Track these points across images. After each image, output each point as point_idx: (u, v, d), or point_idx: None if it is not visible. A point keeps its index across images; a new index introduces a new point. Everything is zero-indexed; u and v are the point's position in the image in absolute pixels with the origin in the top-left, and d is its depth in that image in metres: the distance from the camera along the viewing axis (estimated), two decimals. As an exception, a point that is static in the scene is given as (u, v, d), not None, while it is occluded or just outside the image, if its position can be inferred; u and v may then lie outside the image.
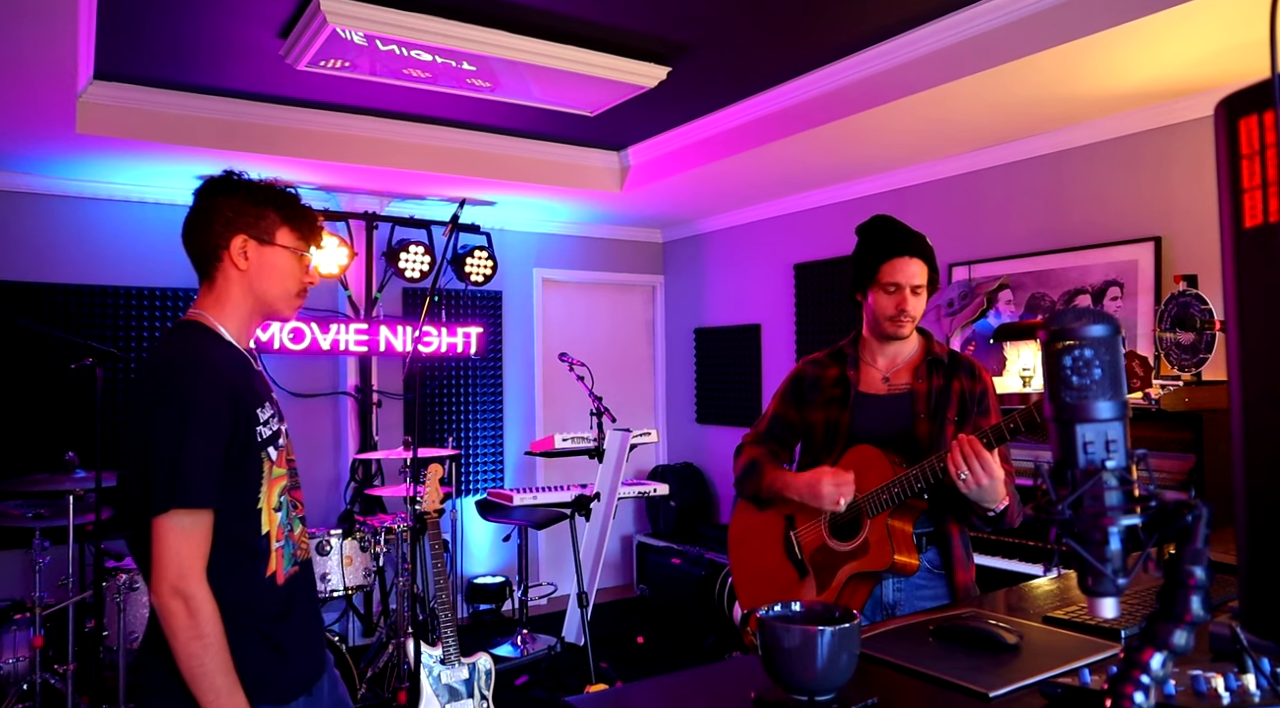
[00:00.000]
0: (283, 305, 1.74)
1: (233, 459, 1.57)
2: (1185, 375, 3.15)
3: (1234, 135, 0.79)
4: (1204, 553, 0.85)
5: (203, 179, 1.72)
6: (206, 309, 1.68)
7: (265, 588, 1.63)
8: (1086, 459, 0.88)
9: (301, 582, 1.74)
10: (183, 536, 1.50)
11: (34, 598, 3.52)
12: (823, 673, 1.20)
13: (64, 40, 2.93)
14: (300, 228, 1.73)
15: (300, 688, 1.68)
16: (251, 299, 1.70)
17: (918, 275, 2.16)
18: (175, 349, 1.61)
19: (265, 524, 1.63)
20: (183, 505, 1.50)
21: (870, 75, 3.66)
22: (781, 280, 5.69)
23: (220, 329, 1.67)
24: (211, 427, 1.53)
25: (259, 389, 1.68)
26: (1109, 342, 0.89)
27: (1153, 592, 1.32)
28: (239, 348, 1.69)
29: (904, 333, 2.20)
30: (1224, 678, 1.07)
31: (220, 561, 1.55)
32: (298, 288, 1.75)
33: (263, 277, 1.69)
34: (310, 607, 1.77)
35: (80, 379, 4.20)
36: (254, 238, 1.67)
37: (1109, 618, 0.95)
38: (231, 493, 1.57)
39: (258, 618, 1.61)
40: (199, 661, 1.50)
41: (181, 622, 1.49)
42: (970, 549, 2.22)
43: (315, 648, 1.76)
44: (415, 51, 3.33)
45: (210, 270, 1.69)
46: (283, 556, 1.67)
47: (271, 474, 1.65)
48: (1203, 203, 3.52)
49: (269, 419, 1.67)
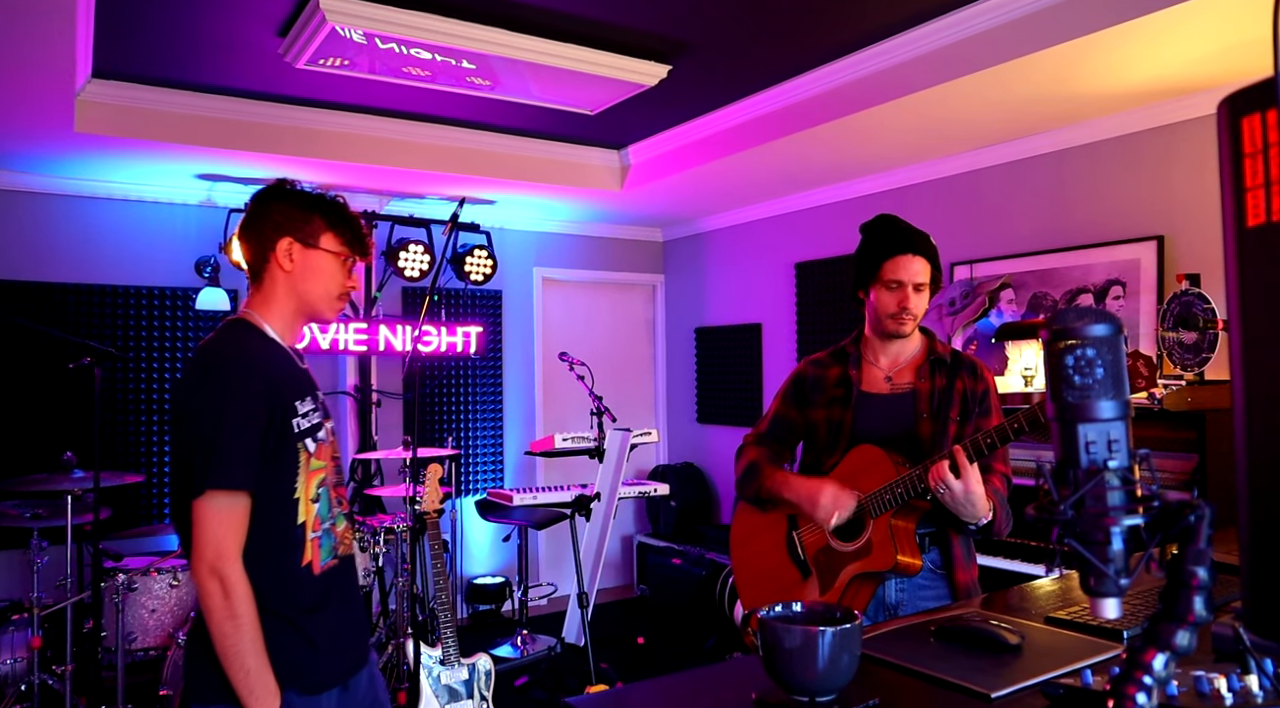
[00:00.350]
0: (324, 307, 1.83)
1: (270, 448, 1.65)
2: (1188, 375, 3.14)
3: (1237, 134, 0.79)
4: (1207, 553, 0.85)
5: (259, 185, 1.80)
6: (254, 308, 1.80)
7: (300, 578, 1.70)
8: (1089, 459, 0.88)
9: (340, 576, 1.80)
10: (219, 517, 1.59)
11: (32, 599, 3.50)
12: (824, 674, 1.19)
13: (62, 38, 2.92)
14: (344, 234, 1.83)
15: (333, 680, 1.73)
16: (295, 299, 1.80)
17: (920, 273, 2.15)
18: (217, 343, 1.71)
19: (302, 514, 1.71)
20: (217, 487, 1.58)
21: (871, 74, 3.65)
22: (782, 280, 5.68)
23: (265, 327, 1.78)
24: (247, 414, 1.62)
25: (300, 383, 1.77)
26: (1111, 341, 0.88)
27: (1155, 592, 1.32)
28: (282, 344, 1.79)
29: (906, 330, 2.19)
30: (1227, 679, 1.06)
31: (256, 547, 1.63)
32: (339, 290, 1.84)
33: (306, 278, 1.79)
34: (349, 602, 1.82)
35: (78, 379, 4.17)
36: (299, 241, 1.78)
37: (1111, 619, 0.94)
38: (269, 481, 1.65)
39: (291, 608, 1.67)
40: (231, 640, 1.57)
41: (216, 602, 1.57)
42: (972, 549, 2.21)
43: (352, 643, 1.81)
44: (415, 50, 3.32)
45: (259, 272, 1.80)
46: (319, 547, 1.74)
47: (310, 466, 1.73)
48: (1205, 202, 3.51)
49: (309, 413, 1.75)
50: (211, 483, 1.58)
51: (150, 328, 4.89)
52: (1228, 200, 0.80)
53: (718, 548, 5.41)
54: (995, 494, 2.07)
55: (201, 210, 5.04)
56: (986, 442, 1.93)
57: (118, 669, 3.52)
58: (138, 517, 4.78)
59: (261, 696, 1.59)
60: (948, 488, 1.93)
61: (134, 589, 3.61)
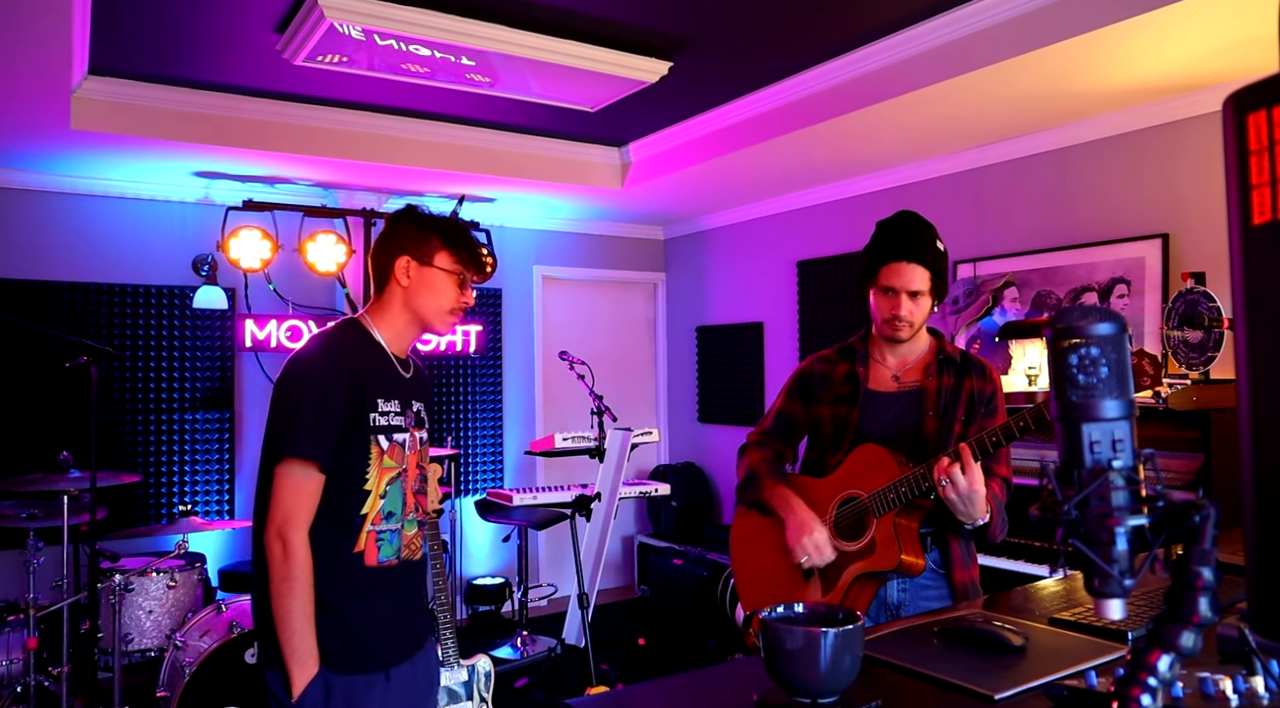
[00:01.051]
0: (436, 321, 1.97)
1: (346, 434, 1.81)
2: (1193, 374, 3.12)
3: (1242, 131, 0.78)
4: (1212, 554, 0.84)
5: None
6: (370, 313, 1.97)
7: (348, 563, 1.82)
8: (1093, 459, 0.87)
9: (399, 576, 1.90)
10: (292, 485, 1.76)
11: (28, 599, 3.48)
12: (826, 675, 1.19)
13: (58, 34, 2.90)
14: (459, 254, 1.96)
15: (372, 665, 1.84)
16: (408, 312, 1.95)
17: (916, 282, 2.13)
18: (322, 334, 1.91)
19: (366, 506, 1.84)
20: (292, 455, 1.75)
21: (873, 71, 3.64)
22: (784, 278, 5.66)
23: (374, 330, 1.95)
24: (327, 396, 1.78)
25: (393, 385, 1.91)
26: (1116, 340, 0.88)
27: (1160, 593, 1.33)
28: (385, 348, 1.94)
29: (900, 337, 2.18)
30: (1232, 681, 1.06)
31: (316, 525, 1.78)
32: (451, 305, 1.96)
33: (420, 293, 1.94)
34: (402, 600, 1.92)
35: (74, 378, 4.18)
36: (415, 259, 1.92)
37: (1115, 620, 0.94)
38: (340, 464, 1.80)
39: (332, 590, 1.80)
40: (284, 600, 1.73)
41: (277, 563, 1.74)
42: (972, 549, 2.21)
43: (398, 637, 1.91)
44: (414, 46, 3.31)
45: (381, 285, 1.97)
46: (375, 540, 1.86)
47: (382, 463, 1.86)
48: (1211, 199, 3.49)
49: (390, 412, 1.89)
50: (287, 451, 1.75)
51: (147, 327, 4.87)
52: (1233, 198, 0.79)
53: (719, 548, 5.39)
54: (993, 499, 2.06)
55: (199, 208, 5.02)
56: (992, 440, 1.93)
57: (115, 671, 3.50)
58: (135, 517, 4.77)
59: (302, 658, 1.74)
60: (951, 483, 1.92)
61: (131, 590, 3.59)
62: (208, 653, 3.20)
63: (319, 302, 5.22)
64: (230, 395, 5.07)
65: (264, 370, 5.08)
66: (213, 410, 5.02)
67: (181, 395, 4.94)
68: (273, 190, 5.07)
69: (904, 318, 2.14)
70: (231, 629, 3.27)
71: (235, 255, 4.71)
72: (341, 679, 1.79)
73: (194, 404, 4.97)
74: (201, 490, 5.00)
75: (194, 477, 4.98)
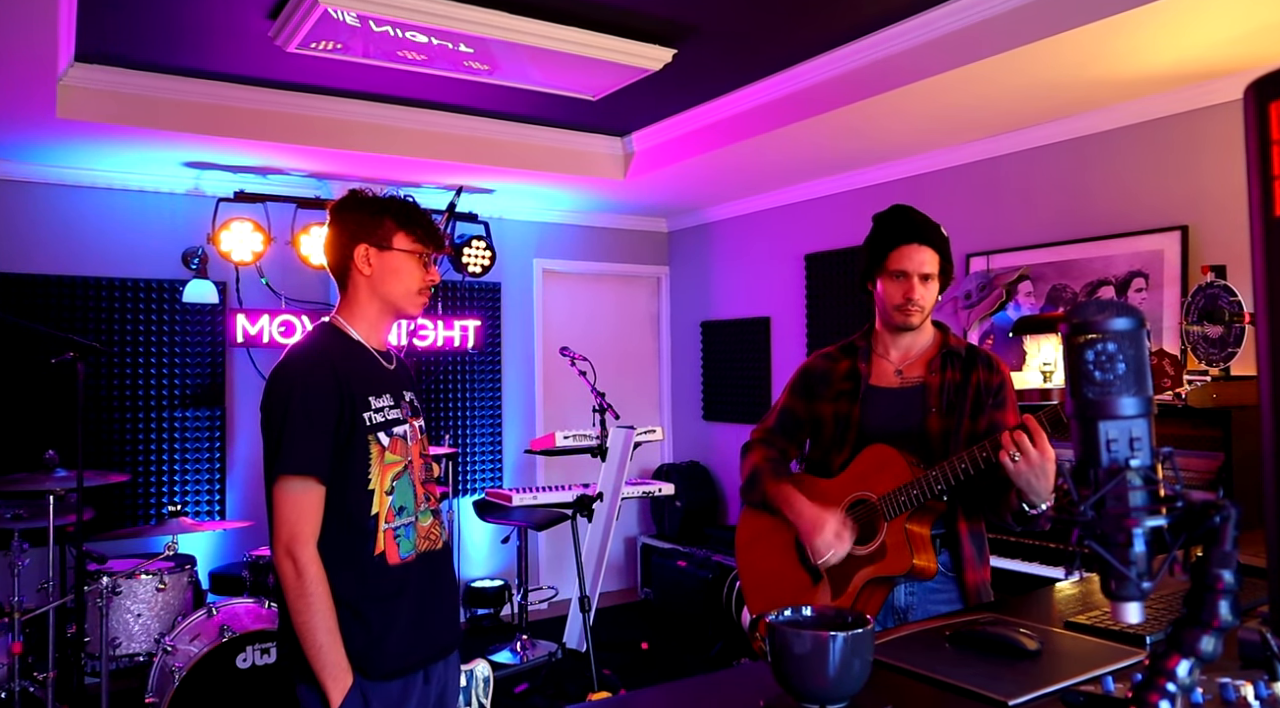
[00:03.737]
0: (406, 304, 1.96)
1: (342, 439, 1.81)
2: (1213, 370, 3.10)
3: (1264, 120, 0.78)
4: (1232, 556, 0.84)
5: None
6: (340, 313, 1.97)
7: (373, 567, 1.83)
8: (1110, 458, 0.87)
9: (423, 569, 1.92)
10: (291, 502, 1.76)
11: (13, 603, 3.46)
12: (835, 680, 1.19)
13: (43, 20, 2.88)
14: (416, 232, 1.95)
15: (406, 668, 1.85)
16: (377, 301, 1.95)
17: (927, 264, 2.14)
18: (297, 344, 1.89)
19: (375, 506, 1.85)
20: (286, 472, 1.76)
21: (883, 58, 3.62)
22: (792, 271, 5.63)
23: (349, 330, 1.94)
24: (312, 406, 1.78)
25: (378, 380, 1.91)
26: (1133, 335, 0.88)
27: (1179, 596, 1.36)
28: (365, 345, 1.94)
29: (913, 322, 2.17)
30: (1254, 686, 1.04)
31: (330, 535, 1.80)
32: (418, 285, 1.96)
33: (385, 279, 1.93)
34: (432, 594, 1.94)
35: (61, 374, 4.09)
36: (374, 245, 1.92)
37: (1133, 623, 0.95)
38: (342, 471, 1.81)
39: (362, 596, 1.81)
40: (304, 618, 1.74)
41: (290, 581, 1.75)
42: (983, 549, 2.18)
43: (433, 634, 1.93)
44: (410, 33, 3.30)
45: (344, 280, 1.96)
46: (393, 538, 1.86)
47: (384, 459, 1.86)
48: (1231, 190, 3.46)
49: (384, 408, 1.89)
50: (281, 468, 1.76)
51: (136, 321, 4.83)
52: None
53: (724, 550, 5.39)
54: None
55: (189, 199, 4.97)
56: (1050, 418, 1.86)
57: (102, 676, 3.48)
58: (123, 518, 4.73)
59: (334, 672, 1.74)
60: (1023, 455, 1.83)
61: (119, 593, 3.56)
62: (198, 658, 3.21)
63: (313, 296, 5.18)
64: (221, 393, 5.02)
65: (256, 367, 5.03)
66: (203, 408, 4.97)
67: (171, 392, 4.89)
68: (265, 181, 5.03)
69: (916, 301, 2.14)
70: (222, 633, 3.28)
71: (226, 248, 4.69)
72: (379, 687, 1.80)
73: (184, 401, 4.92)
74: (191, 490, 4.95)
75: (184, 476, 4.93)
